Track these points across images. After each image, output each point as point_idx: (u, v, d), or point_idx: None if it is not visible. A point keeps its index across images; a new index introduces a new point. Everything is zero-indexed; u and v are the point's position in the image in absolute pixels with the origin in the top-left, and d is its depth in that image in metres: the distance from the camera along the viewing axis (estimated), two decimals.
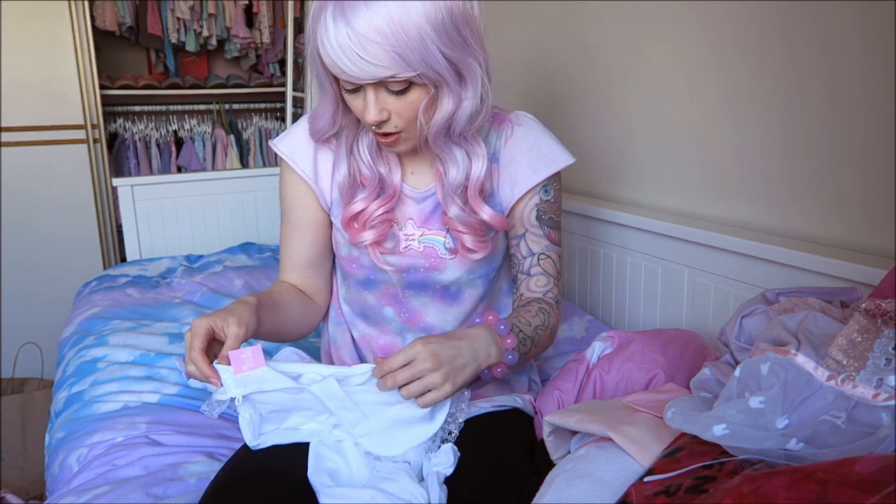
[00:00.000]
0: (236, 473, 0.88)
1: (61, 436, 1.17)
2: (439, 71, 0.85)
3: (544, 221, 1.06)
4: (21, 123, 2.70)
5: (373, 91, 0.86)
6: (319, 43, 0.84)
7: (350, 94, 0.89)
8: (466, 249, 1.00)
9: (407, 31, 0.80)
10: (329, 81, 0.91)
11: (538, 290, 1.05)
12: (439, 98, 0.89)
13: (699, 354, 1.04)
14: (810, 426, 0.57)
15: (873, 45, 1.01)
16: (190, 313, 1.59)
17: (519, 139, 1.04)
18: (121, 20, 3.11)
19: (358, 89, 0.87)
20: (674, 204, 1.47)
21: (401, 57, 0.81)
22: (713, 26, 1.30)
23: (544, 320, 1.01)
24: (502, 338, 0.92)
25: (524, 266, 1.07)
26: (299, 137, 1.04)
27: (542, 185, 1.05)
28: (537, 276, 1.06)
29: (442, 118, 0.90)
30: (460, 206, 0.98)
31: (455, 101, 0.89)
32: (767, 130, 1.21)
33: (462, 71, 0.88)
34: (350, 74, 0.83)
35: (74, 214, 2.83)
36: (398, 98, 0.87)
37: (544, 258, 1.06)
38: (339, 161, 1.01)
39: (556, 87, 1.81)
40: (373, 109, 0.86)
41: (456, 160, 0.96)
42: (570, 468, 0.72)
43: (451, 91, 0.88)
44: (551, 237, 1.07)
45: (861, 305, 0.71)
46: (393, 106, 0.88)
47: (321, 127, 0.98)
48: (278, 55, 3.50)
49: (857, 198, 1.08)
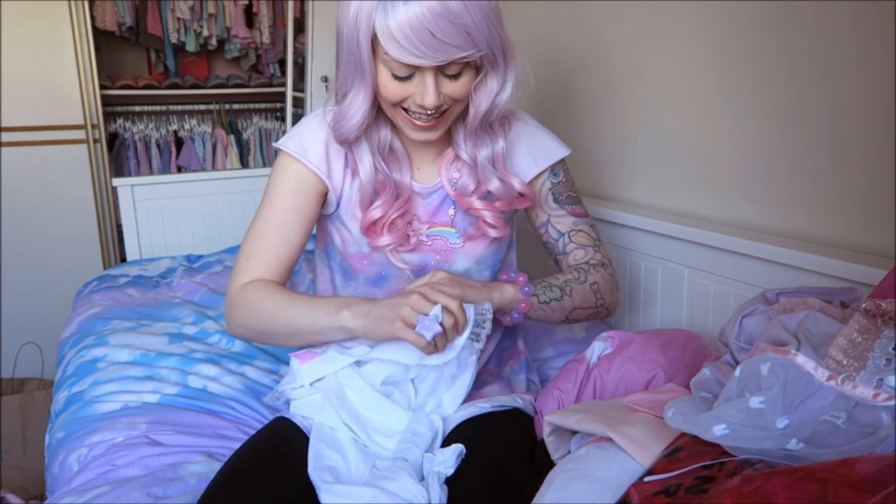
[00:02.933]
0: (237, 470, 0.88)
1: (61, 436, 1.17)
2: (495, 51, 0.88)
3: (563, 201, 1.09)
4: (21, 123, 2.70)
5: (432, 75, 0.87)
6: (381, 26, 0.82)
7: (399, 80, 0.88)
8: (488, 225, 1.03)
9: (474, 8, 0.82)
10: (371, 71, 0.89)
11: (577, 263, 1.08)
12: (486, 81, 0.92)
13: (699, 354, 1.04)
14: (810, 426, 0.57)
15: (873, 45, 1.01)
16: (190, 313, 1.59)
17: (517, 133, 1.08)
18: (121, 20, 3.11)
19: (410, 76, 0.87)
20: (674, 204, 1.46)
21: (470, 36, 0.83)
22: (713, 26, 1.30)
23: (577, 276, 1.04)
24: (513, 281, 0.98)
25: (559, 248, 1.10)
26: (307, 135, 1.03)
27: (550, 169, 1.09)
28: (574, 252, 1.09)
29: (488, 99, 0.93)
30: (499, 178, 1.02)
31: (500, 82, 0.93)
32: (767, 130, 1.21)
33: (507, 52, 0.91)
34: (421, 55, 0.82)
35: (74, 214, 2.83)
36: (452, 81, 0.89)
37: (575, 233, 1.09)
38: (361, 161, 1.00)
39: (556, 87, 1.81)
40: (433, 94, 0.87)
41: (486, 141, 1.00)
42: (570, 468, 0.72)
43: (497, 72, 0.92)
44: (576, 213, 1.10)
45: (861, 305, 0.71)
46: (447, 89, 0.89)
47: (353, 125, 0.95)
48: (278, 55, 3.49)
49: (857, 198, 1.08)
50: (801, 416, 0.58)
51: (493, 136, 1.02)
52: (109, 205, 2.89)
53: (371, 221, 1.00)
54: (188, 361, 1.33)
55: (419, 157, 1.06)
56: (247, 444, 0.95)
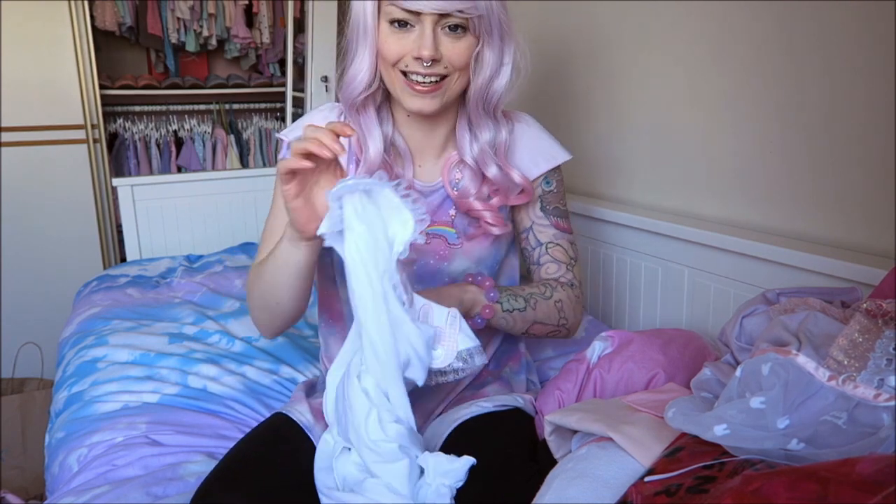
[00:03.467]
0: (233, 465, 0.88)
1: (61, 436, 1.17)
2: (493, 22, 0.90)
3: (549, 211, 1.09)
4: (21, 123, 2.70)
5: (430, 24, 0.88)
6: None
7: (399, 30, 0.90)
8: (489, 225, 1.03)
9: None
10: (374, 26, 0.91)
11: (547, 277, 1.08)
12: (483, 53, 0.93)
13: (699, 354, 1.03)
14: (811, 426, 0.57)
15: (873, 45, 1.01)
16: (190, 313, 1.59)
17: (519, 135, 1.08)
18: (121, 20, 3.11)
19: (410, 26, 0.89)
20: (674, 204, 1.46)
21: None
22: (713, 26, 1.30)
23: (543, 291, 1.04)
24: (478, 284, 0.99)
25: (534, 257, 1.09)
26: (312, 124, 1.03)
27: (544, 176, 1.08)
28: (547, 265, 1.08)
29: (485, 74, 0.94)
30: (497, 165, 1.02)
31: (497, 60, 0.94)
32: (767, 130, 1.21)
33: (504, 29, 0.93)
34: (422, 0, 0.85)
35: (74, 214, 2.83)
36: (452, 40, 0.90)
37: (552, 246, 1.08)
38: (370, 132, 0.99)
39: (556, 87, 1.81)
40: (430, 43, 0.88)
41: (488, 125, 1.01)
42: (570, 468, 0.72)
43: (493, 49, 0.93)
44: (559, 226, 1.09)
45: (862, 305, 0.71)
46: (446, 47, 0.90)
47: (358, 83, 0.95)
48: (278, 55, 3.49)
49: (857, 198, 1.08)
50: (801, 416, 0.58)
51: (496, 124, 1.02)
52: (109, 205, 2.89)
53: None
54: (188, 361, 1.33)
55: (422, 156, 1.05)
56: (244, 439, 0.95)
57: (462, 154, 1.03)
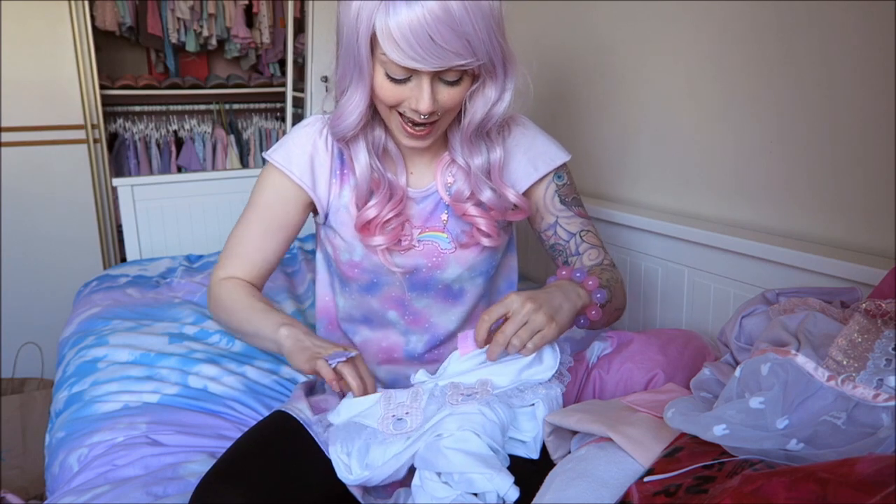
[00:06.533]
0: (233, 461, 0.88)
1: (61, 436, 1.17)
2: (495, 61, 0.88)
3: (570, 203, 1.09)
4: (21, 123, 2.70)
5: (428, 80, 0.86)
6: (381, 26, 0.82)
7: (396, 83, 0.87)
8: (482, 234, 1.02)
9: (476, 16, 0.82)
10: (369, 71, 0.88)
11: (593, 263, 1.07)
12: (483, 90, 0.92)
13: (699, 354, 1.03)
14: (810, 426, 0.57)
15: (873, 45, 1.01)
16: (190, 313, 1.59)
17: (517, 139, 1.07)
18: (121, 20, 3.11)
19: (407, 79, 0.87)
20: (674, 204, 1.47)
21: (470, 44, 0.83)
22: (714, 27, 1.30)
23: (612, 275, 1.02)
24: (582, 283, 0.93)
25: (570, 248, 1.08)
26: (294, 147, 1.04)
27: (554, 172, 1.08)
28: (588, 252, 1.08)
29: (484, 108, 0.93)
30: (491, 188, 1.01)
31: (498, 91, 0.92)
32: (767, 130, 1.21)
33: (507, 62, 0.91)
34: (419, 59, 0.82)
35: (74, 214, 2.83)
36: (449, 88, 0.88)
37: (585, 233, 1.09)
38: (357, 158, 1.00)
39: (556, 88, 1.81)
40: (428, 99, 0.87)
41: (481, 149, 1.00)
42: (570, 468, 0.72)
43: (496, 81, 0.91)
44: (582, 214, 1.10)
45: (861, 306, 0.71)
46: (442, 95, 0.89)
47: (350, 122, 0.95)
48: (278, 55, 3.50)
49: (857, 198, 1.08)
50: (801, 416, 0.58)
51: (489, 145, 1.01)
52: (109, 205, 2.90)
53: (365, 221, 1.00)
54: (188, 361, 1.33)
55: (414, 160, 1.05)
56: (244, 435, 0.96)
57: (454, 156, 1.02)
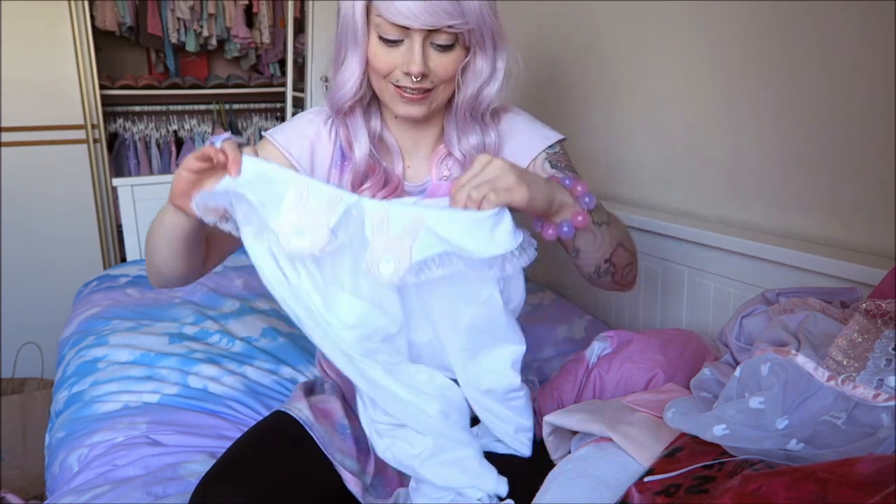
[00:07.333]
0: (232, 461, 0.88)
1: (61, 436, 1.17)
2: (484, 31, 0.89)
3: (562, 167, 1.03)
4: (21, 123, 2.70)
5: (420, 40, 0.87)
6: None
7: (388, 45, 0.89)
8: None
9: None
10: (364, 38, 0.90)
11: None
12: (474, 62, 0.93)
13: (698, 354, 1.04)
14: (810, 426, 0.57)
15: (873, 45, 1.01)
16: (190, 313, 1.59)
17: (508, 124, 1.06)
18: (121, 20, 3.11)
19: (399, 41, 0.88)
20: (674, 204, 1.47)
21: (461, 8, 0.85)
22: (712, 26, 1.30)
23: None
24: (570, 189, 0.87)
25: None
26: (297, 131, 1.03)
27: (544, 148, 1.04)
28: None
29: (475, 83, 0.94)
30: None
31: (489, 68, 0.93)
32: (767, 130, 1.21)
33: (497, 37, 0.92)
34: (411, 16, 0.84)
35: (74, 214, 2.83)
36: (441, 54, 0.90)
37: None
38: (357, 136, 1.00)
39: (553, 87, 1.81)
40: (419, 59, 0.88)
41: (476, 130, 1.00)
42: (570, 468, 0.72)
43: (486, 57, 0.92)
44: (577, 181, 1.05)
45: (861, 306, 0.71)
46: (434, 62, 0.90)
47: (347, 90, 0.95)
48: (278, 55, 3.49)
49: (856, 198, 1.08)
50: (801, 416, 0.58)
51: (483, 128, 1.02)
52: (109, 205, 2.89)
53: None
54: (188, 361, 1.33)
55: (411, 154, 1.05)
56: (244, 435, 0.96)
57: (450, 147, 1.02)
